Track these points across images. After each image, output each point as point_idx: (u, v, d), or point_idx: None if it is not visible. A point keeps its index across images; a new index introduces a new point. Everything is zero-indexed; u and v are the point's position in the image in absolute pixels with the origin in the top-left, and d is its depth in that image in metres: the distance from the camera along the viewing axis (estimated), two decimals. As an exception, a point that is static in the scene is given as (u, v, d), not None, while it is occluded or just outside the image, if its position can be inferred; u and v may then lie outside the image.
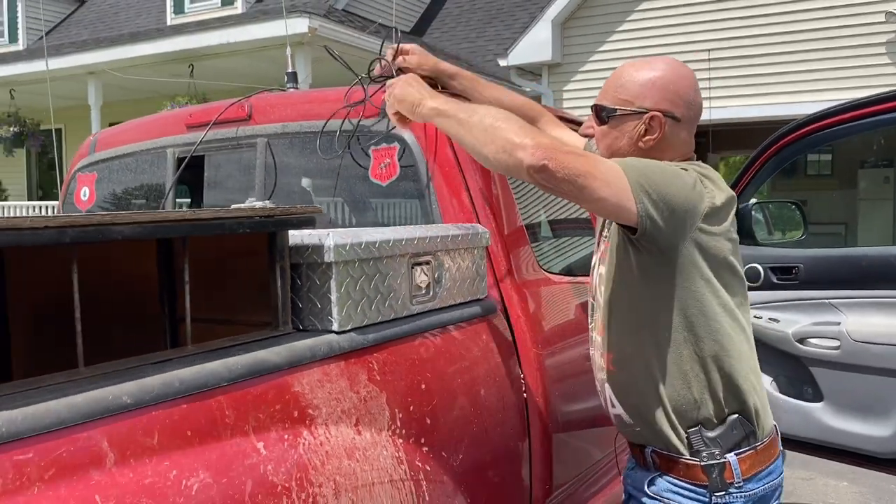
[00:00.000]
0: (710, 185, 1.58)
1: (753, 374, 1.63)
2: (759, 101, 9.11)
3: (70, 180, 2.85)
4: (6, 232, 0.93)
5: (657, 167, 1.53)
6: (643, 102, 1.63)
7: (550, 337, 2.10)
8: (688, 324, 1.57)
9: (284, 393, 1.29)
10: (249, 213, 1.28)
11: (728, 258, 1.59)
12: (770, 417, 1.66)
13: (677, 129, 1.64)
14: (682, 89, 1.65)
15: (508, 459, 1.87)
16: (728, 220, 1.60)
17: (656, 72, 1.65)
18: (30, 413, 0.95)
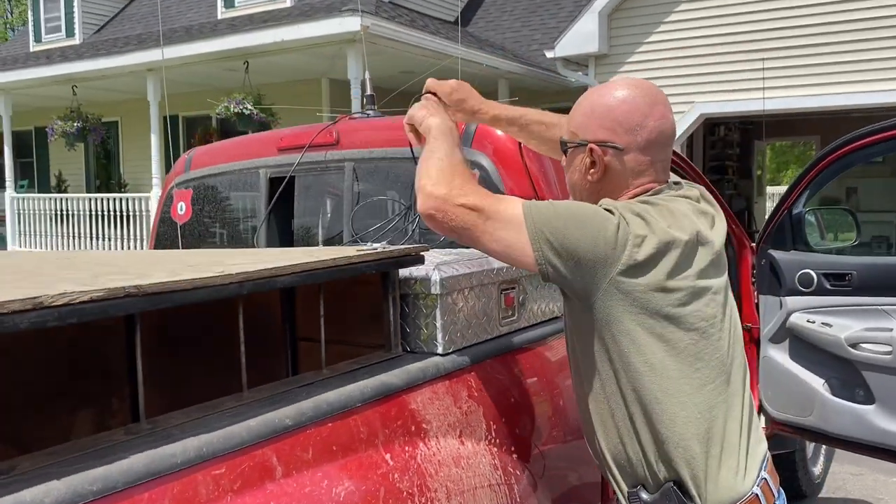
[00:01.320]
0: (640, 231, 1.40)
1: (698, 441, 1.42)
2: (811, 91, 9.06)
3: (167, 195, 3.11)
4: (204, 289, 1.15)
5: (566, 211, 1.45)
6: (585, 134, 1.55)
7: None
8: (615, 379, 1.46)
9: (404, 410, 1.50)
10: (375, 257, 1.49)
11: (668, 312, 1.40)
12: (732, 489, 1.43)
13: (623, 158, 1.52)
14: (623, 115, 1.51)
15: (585, 461, 2.06)
16: (663, 271, 1.40)
17: (598, 98, 1.56)
18: (221, 436, 1.17)
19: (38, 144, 15.98)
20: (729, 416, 1.46)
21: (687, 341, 1.42)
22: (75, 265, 1.48)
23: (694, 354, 1.43)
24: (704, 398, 1.43)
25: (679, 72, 9.77)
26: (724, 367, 1.46)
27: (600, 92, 1.57)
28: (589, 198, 1.56)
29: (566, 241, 1.39)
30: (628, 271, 1.38)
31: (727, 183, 14.38)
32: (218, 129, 12.43)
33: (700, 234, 1.46)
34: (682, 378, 1.42)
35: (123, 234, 11.81)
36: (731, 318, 1.52)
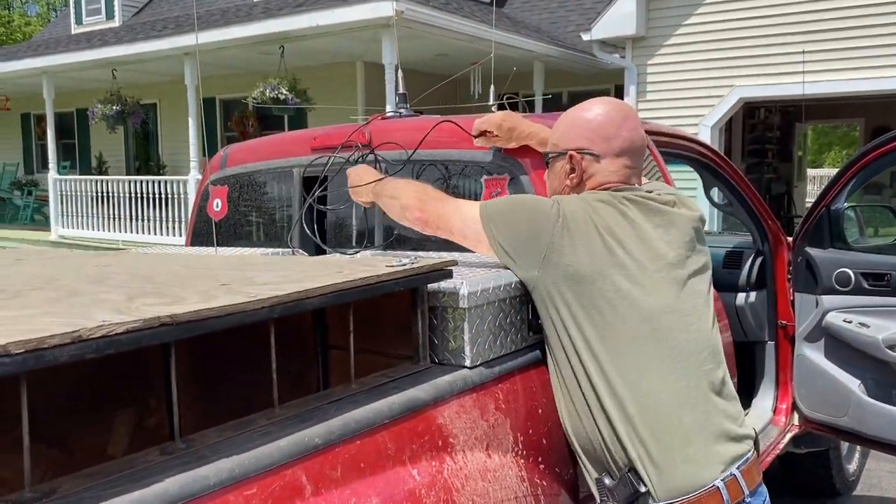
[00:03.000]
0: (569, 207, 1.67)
1: (646, 426, 1.53)
2: (854, 75, 8.83)
3: (203, 191, 3.16)
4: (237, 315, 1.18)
5: (509, 201, 1.81)
6: (566, 144, 1.81)
7: None
8: (568, 362, 1.65)
9: (431, 425, 1.52)
10: (404, 274, 1.50)
11: (595, 301, 1.59)
12: (686, 479, 1.50)
13: (599, 164, 1.77)
14: (599, 126, 1.76)
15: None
16: (583, 253, 1.60)
17: (578, 113, 1.82)
18: (252, 456, 1.20)
19: (79, 126, 16.30)
20: (684, 407, 1.55)
21: (615, 325, 1.58)
22: (109, 280, 1.52)
23: (622, 337, 1.58)
24: (650, 384, 1.55)
25: (718, 55, 9.58)
26: (677, 355, 1.57)
27: (579, 108, 1.82)
28: None
29: (507, 220, 1.71)
30: (560, 254, 1.62)
31: (767, 167, 14.12)
32: (254, 112, 12.53)
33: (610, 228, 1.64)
34: (619, 360, 1.57)
35: (162, 216, 12.01)
36: (696, 317, 1.63)
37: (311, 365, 1.93)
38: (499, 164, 2.36)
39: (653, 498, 1.53)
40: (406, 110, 2.86)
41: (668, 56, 10.01)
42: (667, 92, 10.07)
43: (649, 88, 10.20)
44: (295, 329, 1.95)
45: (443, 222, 1.80)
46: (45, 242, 12.96)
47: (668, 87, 10.07)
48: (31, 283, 1.54)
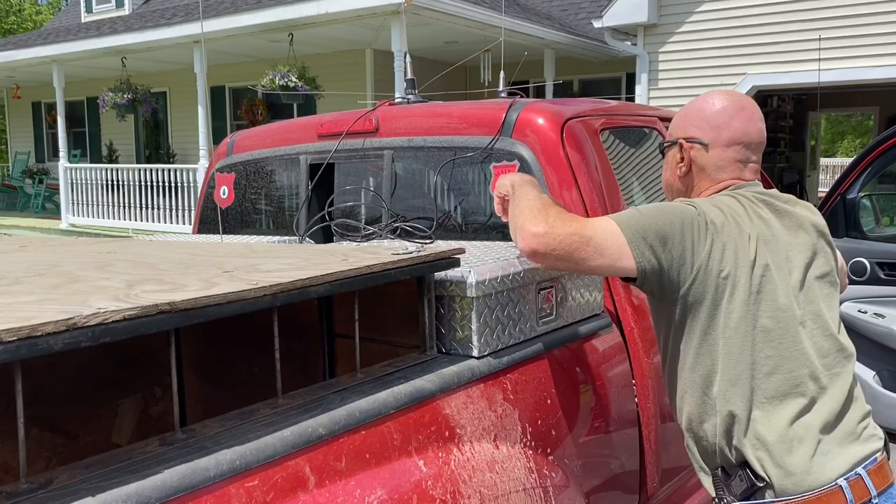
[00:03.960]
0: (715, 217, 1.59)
1: (765, 425, 1.53)
2: (869, 62, 8.70)
3: (209, 178, 3.13)
4: (238, 303, 1.15)
5: (654, 210, 1.61)
6: (678, 133, 1.78)
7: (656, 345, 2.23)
8: (694, 362, 1.60)
9: (438, 416, 1.50)
10: (410, 262, 1.47)
11: (734, 303, 1.55)
12: (806, 476, 1.50)
13: (707, 153, 1.72)
14: (712, 115, 1.71)
15: (622, 462, 2.04)
16: (715, 256, 1.55)
17: (695, 104, 1.78)
18: (254, 448, 1.18)
19: (89, 114, 16.30)
20: (808, 406, 1.53)
21: (749, 326, 1.55)
22: (111, 267, 1.49)
23: (757, 339, 1.54)
24: (773, 385, 1.53)
25: (730, 42, 9.47)
26: (802, 362, 1.54)
27: (698, 99, 1.79)
28: (679, 192, 1.80)
29: (659, 231, 1.56)
30: (711, 254, 1.56)
31: (779, 156, 13.99)
32: (263, 100, 12.49)
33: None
34: (747, 362, 1.54)
35: (172, 205, 12.01)
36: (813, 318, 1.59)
37: (318, 353, 1.91)
38: (508, 150, 2.32)
39: (772, 492, 1.51)
40: (414, 96, 2.83)
41: (680, 43, 9.90)
42: (679, 80, 9.96)
43: (661, 76, 10.09)
44: (302, 317, 1.92)
45: (573, 238, 1.55)
46: (55, 231, 13.00)
47: (680, 74, 9.96)
48: (33, 269, 1.52)
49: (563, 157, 2.24)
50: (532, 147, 2.29)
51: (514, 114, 2.34)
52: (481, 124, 2.39)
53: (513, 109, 2.34)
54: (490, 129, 2.35)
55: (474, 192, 2.51)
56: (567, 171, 2.24)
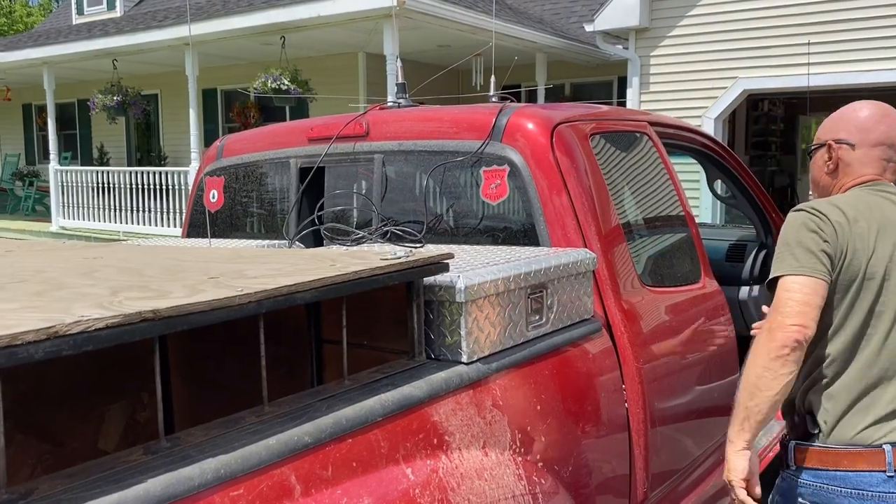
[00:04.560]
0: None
1: (845, 388, 1.78)
2: (860, 67, 8.73)
3: (199, 181, 3.12)
4: (223, 310, 1.14)
5: (790, 240, 1.82)
6: (828, 136, 1.99)
7: (651, 350, 2.23)
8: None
9: (426, 423, 1.49)
10: (399, 267, 1.46)
11: (856, 288, 1.80)
12: (854, 433, 1.75)
13: (854, 153, 1.94)
14: (859, 121, 1.94)
15: (611, 468, 2.04)
16: (840, 251, 1.78)
17: (845, 111, 2.00)
18: (239, 456, 1.16)
19: (80, 117, 16.23)
20: (882, 381, 1.76)
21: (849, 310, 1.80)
22: (97, 273, 1.48)
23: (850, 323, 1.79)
24: (864, 356, 1.78)
25: (722, 46, 9.49)
26: (876, 329, 1.79)
27: (846, 108, 2.00)
28: (825, 188, 2.01)
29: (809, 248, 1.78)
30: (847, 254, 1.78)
31: (770, 159, 14.03)
32: (256, 103, 12.46)
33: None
34: (853, 336, 1.79)
35: (163, 208, 11.96)
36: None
37: (306, 358, 1.89)
38: (498, 155, 2.31)
39: (821, 438, 1.78)
40: (405, 100, 2.82)
41: (671, 48, 9.92)
42: (670, 84, 9.97)
43: (652, 80, 10.11)
44: (290, 321, 1.91)
45: (784, 330, 1.72)
46: (46, 233, 12.93)
47: (671, 78, 9.98)
48: (17, 275, 1.51)
49: (553, 161, 2.24)
50: (522, 152, 2.28)
51: (504, 118, 2.33)
52: (471, 129, 2.38)
53: (503, 114, 2.34)
54: (480, 134, 2.35)
55: (465, 196, 2.50)
56: (557, 176, 2.23)
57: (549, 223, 2.20)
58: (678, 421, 2.40)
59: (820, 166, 2.01)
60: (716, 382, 2.64)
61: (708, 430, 2.63)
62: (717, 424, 2.61)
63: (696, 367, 2.54)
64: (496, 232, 2.37)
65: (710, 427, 2.64)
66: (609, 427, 2.03)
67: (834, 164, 1.96)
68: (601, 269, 2.17)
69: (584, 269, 2.03)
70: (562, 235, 2.19)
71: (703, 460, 2.61)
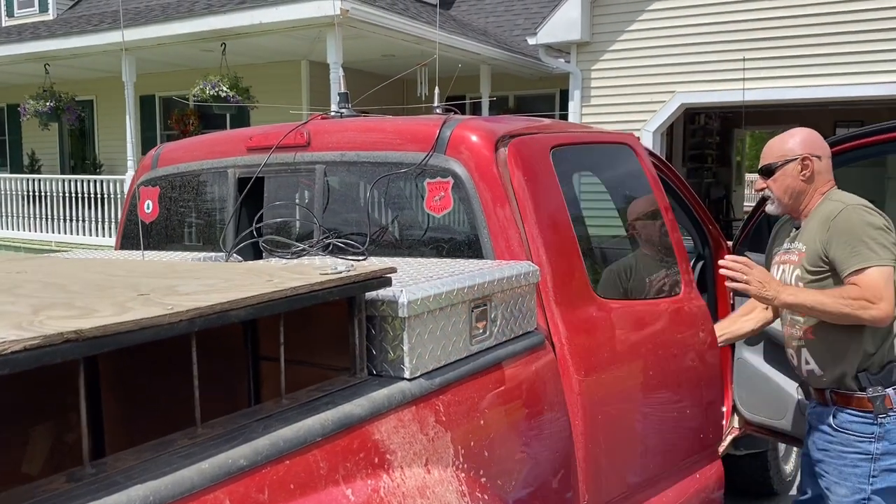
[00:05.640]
0: None
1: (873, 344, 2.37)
2: (791, 83, 9.04)
3: (133, 193, 3.02)
4: (152, 329, 1.09)
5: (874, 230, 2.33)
6: (798, 151, 2.50)
7: (596, 363, 2.22)
8: None
9: (367, 441, 1.45)
10: (339, 282, 1.43)
11: None
12: None
13: (821, 163, 2.50)
14: (816, 138, 2.55)
15: (555, 480, 2.03)
16: None
17: (800, 134, 2.54)
18: (170, 482, 1.11)
19: (10, 122, 15.63)
20: None
21: None
22: (19, 289, 1.40)
23: None
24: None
25: (660, 61, 9.71)
26: None
27: (800, 131, 2.56)
28: (803, 192, 2.50)
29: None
30: None
31: (706, 171, 14.41)
32: (195, 111, 12.21)
33: None
34: None
35: (98, 217, 11.60)
36: None
37: (244, 376, 1.84)
38: (442, 167, 2.30)
39: None
40: (348, 110, 2.78)
41: (611, 62, 10.10)
42: (611, 97, 10.15)
43: (593, 93, 10.27)
44: (226, 338, 1.85)
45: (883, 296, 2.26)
46: (-28, 243, 12.40)
47: (611, 92, 10.16)
48: (-69, 291, 1.42)
49: (497, 174, 2.23)
50: (466, 164, 2.27)
51: (448, 130, 2.32)
52: (415, 140, 2.36)
53: (447, 126, 2.33)
54: (424, 146, 2.33)
55: (408, 207, 2.48)
56: (500, 188, 2.23)
57: (493, 235, 2.19)
58: (628, 436, 2.39)
59: (795, 176, 2.49)
60: (683, 400, 2.63)
61: (666, 448, 2.59)
62: (678, 442, 2.59)
63: (659, 382, 2.52)
64: (440, 244, 2.35)
65: (669, 445, 2.60)
66: (552, 440, 2.02)
67: (809, 172, 2.48)
68: (545, 281, 2.16)
69: (527, 281, 2.02)
70: (505, 248, 2.18)
71: (662, 481, 2.58)
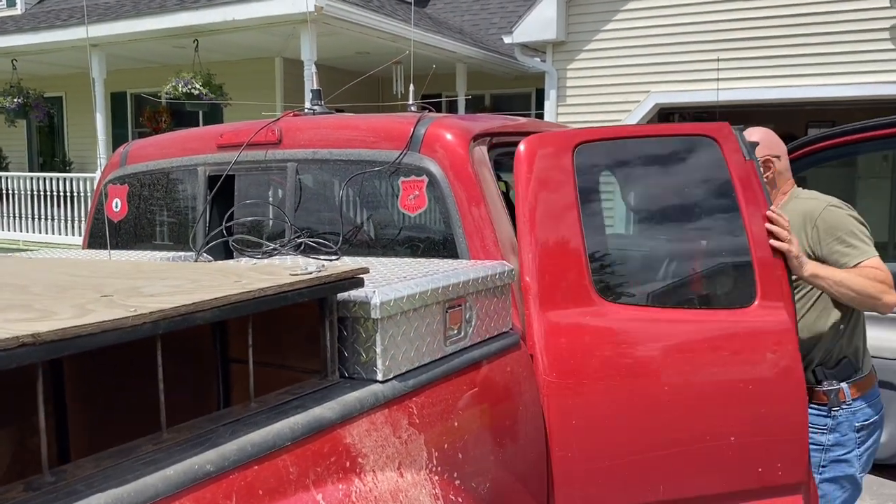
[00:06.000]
0: None
1: (864, 333, 2.55)
2: (765, 83, 9.12)
3: (101, 190, 2.95)
4: (114, 332, 1.05)
5: (860, 224, 2.48)
6: (760, 153, 2.48)
7: (576, 367, 2.16)
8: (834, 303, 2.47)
9: (338, 445, 1.42)
10: (309, 283, 1.39)
11: None
12: (870, 361, 2.56)
13: (780, 163, 2.60)
14: (773, 137, 2.61)
15: (529, 482, 2.01)
16: None
17: (757, 134, 2.57)
18: (133, 489, 1.07)
19: (-24, 119, 15.32)
20: None
21: None
22: (-22, 291, 1.35)
23: None
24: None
25: (635, 61, 9.76)
26: None
27: (757, 131, 2.60)
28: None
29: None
30: None
31: (681, 171, 14.51)
32: (167, 108, 12.05)
33: None
34: None
35: (68, 216, 11.41)
36: None
37: (213, 379, 1.80)
38: (416, 165, 2.27)
39: (859, 372, 2.52)
40: (321, 107, 2.75)
41: (587, 61, 10.13)
42: (586, 96, 10.18)
43: (569, 93, 10.29)
44: (194, 340, 1.81)
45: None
46: (-63, 242, 12.12)
47: (587, 91, 10.19)
48: None
49: (472, 173, 2.21)
50: (441, 163, 2.25)
51: (423, 128, 2.29)
52: (389, 138, 2.33)
53: (421, 124, 2.30)
54: (398, 144, 2.30)
55: (382, 206, 2.44)
56: (476, 187, 2.20)
57: (468, 235, 2.17)
58: (607, 436, 2.19)
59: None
60: (724, 430, 2.22)
61: (692, 479, 2.25)
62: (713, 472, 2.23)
63: (682, 403, 2.20)
64: (415, 243, 2.32)
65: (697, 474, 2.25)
66: (526, 441, 2.00)
67: (772, 174, 2.55)
68: (529, 280, 2.14)
69: (502, 281, 2.00)
70: (480, 247, 2.16)
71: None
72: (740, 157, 2.32)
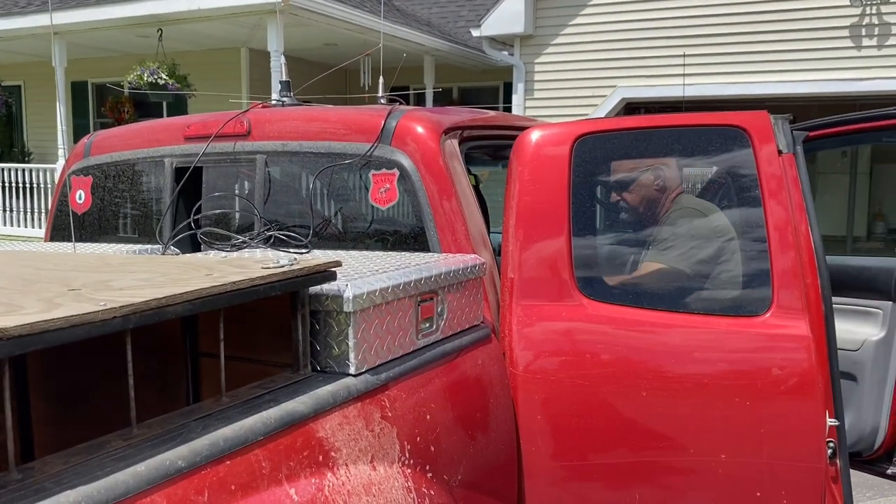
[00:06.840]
0: None
1: None
2: (730, 79, 9.25)
3: (63, 182, 2.89)
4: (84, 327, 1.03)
5: None
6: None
7: (546, 359, 2.15)
8: None
9: (311, 439, 1.41)
10: (281, 277, 1.38)
11: None
12: None
13: (668, 171, 2.53)
14: None
15: (500, 474, 2.02)
16: None
17: None
18: (103, 486, 1.06)
19: (-69, 107, 14.88)
20: None
21: None
22: (-61, 285, 1.32)
23: None
24: None
25: (602, 55, 9.83)
26: None
27: None
28: (656, 201, 2.54)
29: None
30: None
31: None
32: (130, 98, 11.83)
33: None
34: None
35: (27, 207, 11.15)
36: None
37: (183, 374, 1.77)
38: (388, 158, 2.26)
39: None
40: (290, 99, 2.72)
41: (554, 55, 10.17)
42: (554, 90, 10.23)
43: (537, 87, 10.34)
44: (164, 334, 1.79)
45: None
46: None
47: (554, 85, 10.24)
48: None
49: (444, 166, 2.21)
50: (412, 156, 2.24)
51: (394, 121, 2.28)
52: (360, 131, 2.32)
53: (392, 116, 2.29)
54: (369, 136, 2.29)
55: (353, 199, 2.43)
56: (447, 180, 2.20)
57: (440, 228, 2.17)
58: (579, 430, 2.15)
59: (650, 186, 2.51)
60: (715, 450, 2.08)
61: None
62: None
63: (667, 415, 2.10)
64: (386, 236, 2.32)
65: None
66: (497, 433, 2.01)
67: (661, 181, 2.51)
68: (505, 274, 2.15)
69: (473, 275, 2.01)
70: (452, 240, 2.16)
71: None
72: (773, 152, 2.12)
